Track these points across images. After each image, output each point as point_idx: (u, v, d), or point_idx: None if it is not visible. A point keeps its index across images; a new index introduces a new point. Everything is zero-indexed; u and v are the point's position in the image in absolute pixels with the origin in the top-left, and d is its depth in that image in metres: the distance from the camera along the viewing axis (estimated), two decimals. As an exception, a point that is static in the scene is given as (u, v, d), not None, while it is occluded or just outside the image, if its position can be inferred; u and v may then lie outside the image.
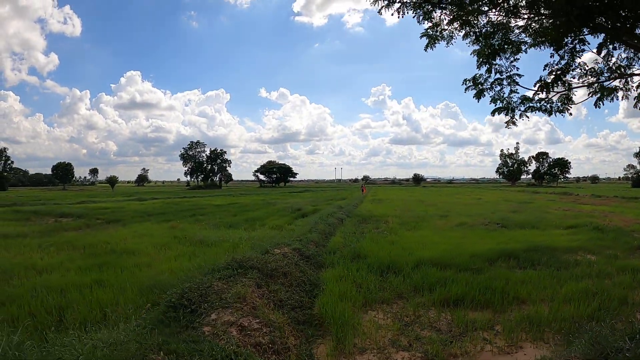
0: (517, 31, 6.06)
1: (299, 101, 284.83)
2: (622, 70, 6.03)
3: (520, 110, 6.55)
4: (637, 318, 4.25)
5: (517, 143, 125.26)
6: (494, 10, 5.72)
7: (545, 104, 6.42)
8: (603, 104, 6.11)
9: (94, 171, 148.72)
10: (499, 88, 6.53)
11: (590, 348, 3.26)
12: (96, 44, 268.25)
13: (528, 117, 6.72)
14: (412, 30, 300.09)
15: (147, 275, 6.71)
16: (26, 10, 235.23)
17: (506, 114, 6.65)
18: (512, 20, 5.97)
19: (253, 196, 42.49)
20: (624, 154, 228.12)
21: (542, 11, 5.40)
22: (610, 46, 5.77)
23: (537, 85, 6.37)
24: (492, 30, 6.02)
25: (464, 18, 5.57)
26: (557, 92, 6.36)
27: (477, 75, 6.59)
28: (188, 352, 3.31)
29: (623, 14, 5.04)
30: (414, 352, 4.11)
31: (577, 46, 5.90)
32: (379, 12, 5.95)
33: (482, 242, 10.29)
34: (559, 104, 6.44)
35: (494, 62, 6.38)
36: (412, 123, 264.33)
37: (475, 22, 5.95)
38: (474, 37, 6.18)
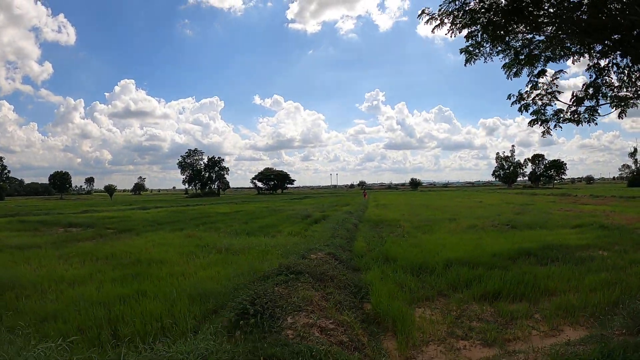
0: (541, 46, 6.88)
1: (293, 108, 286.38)
2: (633, 80, 6.86)
3: (554, 121, 7.39)
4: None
5: (513, 146, 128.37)
6: (523, 28, 6.48)
7: (576, 115, 7.24)
8: (625, 115, 6.98)
9: (89, 180, 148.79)
10: (540, 103, 7.37)
11: (630, 322, 3.95)
12: (90, 52, 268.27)
13: (561, 127, 7.66)
14: (405, 35, 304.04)
15: (188, 284, 6.79)
16: (20, 18, 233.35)
17: (540, 125, 7.49)
18: (537, 36, 6.76)
19: (256, 203, 42.92)
20: (617, 154, 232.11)
21: (565, 30, 6.19)
22: (636, 67, 6.60)
23: (571, 99, 7.20)
24: (528, 48, 6.84)
25: (499, 34, 6.34)
26: (586, 106, 7.18)
27: (524, 92, 7.45)
28: (290, 355, 3.62)
29: None
30: (473, 340, 4.75)
31: (610, 68, 6.78)
32: (432, 31, 6.71)
33: (498, 243, 10.95)
34: (586, 115, 7.26)
35: (539, 81, 7.21)
36: (406, 128, 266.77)
37: (510, 40, 6.75)
38: (507, 53, 6.99)
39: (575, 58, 6.89)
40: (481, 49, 6.85)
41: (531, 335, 4.81)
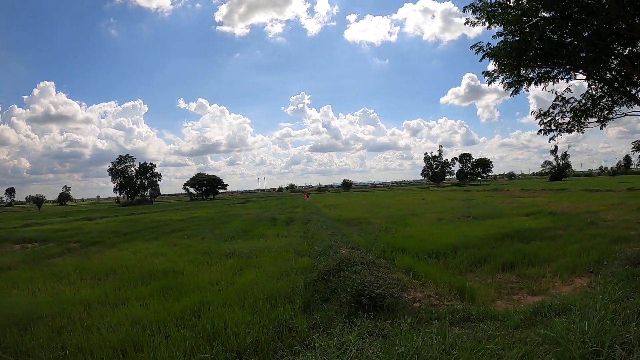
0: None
1: (219, 112, 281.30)
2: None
3: (556, 131, 10.07)
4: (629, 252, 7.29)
5: (441, 146, 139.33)
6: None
7: (570, 126, 9.96)
8: (605, 127, 9.88)
9: (10, 191, 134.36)
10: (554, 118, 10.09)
11: (627, 262, 6.17)
12: (8, 51, 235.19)
13: (562, 135, 11.14)
14: (333, 40, 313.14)
15: (238, 290, 7.06)
16: None
17: (546, 134, 10.18)
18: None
19: (202, 209, 42.45)
20: (535, 152, 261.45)
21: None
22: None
23: (572, 116, 9.90)
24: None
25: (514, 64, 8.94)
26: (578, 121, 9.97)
27: (549, 111, 10.11)
28: (450, 314, 4.73)
29: None
30: (522, 293, 6.61)
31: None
32: (480, 60, 9.36)
33: (477, 230, 13.22)
34: (576, 126, 10.01)
35: (560, 104, 9.82)
36: (331, 130, 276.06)
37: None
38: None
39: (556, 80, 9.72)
40: (501, 75, 9.30)
41: (555, 285, 6.89)
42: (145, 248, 13.94)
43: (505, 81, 9.85)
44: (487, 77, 10.05)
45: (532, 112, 12.26)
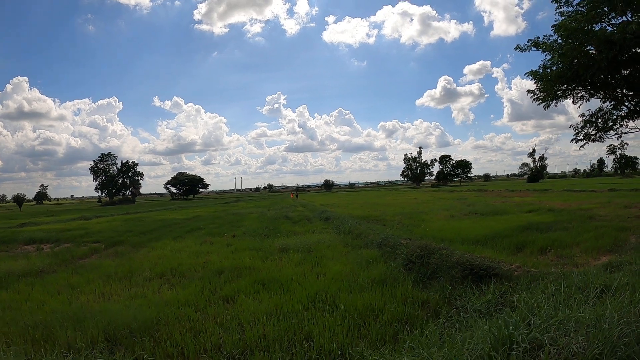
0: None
1: (194, 110, 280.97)
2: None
3: (585, 141, 13.07)
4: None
5: (420, 148, 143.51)
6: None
7: (595, 137, 12.89)
8: (621, 138, 12.94)
9: None
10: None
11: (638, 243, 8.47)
12: None
13: (589, 143, 15.24)
14: (311, 41, 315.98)
15: (338, 278, 7.95)
16: None
17: (577, 142, 13.24)
18: None
19: (199, 209, 43.02)
20: (508, 154, 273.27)
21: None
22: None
23: (597, 130, 12.72)
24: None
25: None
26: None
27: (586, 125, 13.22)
28: (542, 276, 6.63)
29: None
30: (568, 266, 8.66)
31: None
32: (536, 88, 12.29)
33: (495, 224, 15.27)
34: (599, 136, 13.05)
35: (595, 121, 12.65)
36: (307, 131, 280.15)
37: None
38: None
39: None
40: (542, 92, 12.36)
41: (589, 261, 9.08)
42: (183, 246, 14.08)
43: (546, 95, 13.25)
44: (531, 94, 13.95)
45: (570, 126, 16.54)
